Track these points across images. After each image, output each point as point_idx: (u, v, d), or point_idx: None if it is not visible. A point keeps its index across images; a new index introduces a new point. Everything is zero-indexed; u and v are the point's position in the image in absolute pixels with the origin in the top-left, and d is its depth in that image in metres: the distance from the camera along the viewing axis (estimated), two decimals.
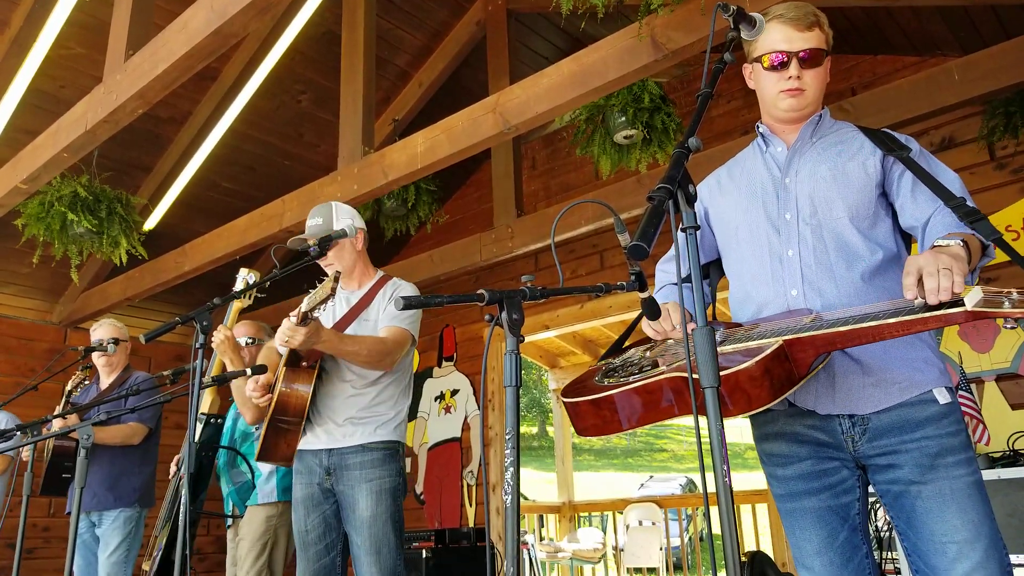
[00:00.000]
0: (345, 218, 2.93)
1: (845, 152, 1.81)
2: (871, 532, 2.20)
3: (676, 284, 2.04)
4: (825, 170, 1.80)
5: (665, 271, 2.14)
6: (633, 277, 1.72)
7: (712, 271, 2.08)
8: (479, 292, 1.54)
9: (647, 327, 1.84)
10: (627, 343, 2.07)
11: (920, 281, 1.43)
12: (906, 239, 1.83)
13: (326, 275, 2.84)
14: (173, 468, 3.64)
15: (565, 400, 1.77)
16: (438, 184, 5.83)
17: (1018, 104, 3.83)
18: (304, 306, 2.42)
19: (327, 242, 2.78)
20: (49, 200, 4.66)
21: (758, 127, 1.96)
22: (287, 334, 2.48)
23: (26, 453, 3.47)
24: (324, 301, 2.39)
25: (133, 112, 3.71)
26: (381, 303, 2.91)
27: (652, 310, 1.74)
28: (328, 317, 2.95)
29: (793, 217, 1.80)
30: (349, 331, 2.88)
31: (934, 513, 1.60)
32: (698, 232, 2.01)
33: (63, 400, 3.90)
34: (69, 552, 2.69)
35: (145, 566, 3.44)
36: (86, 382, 3.83)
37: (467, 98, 4.24)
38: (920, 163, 1.74)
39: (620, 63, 3.25)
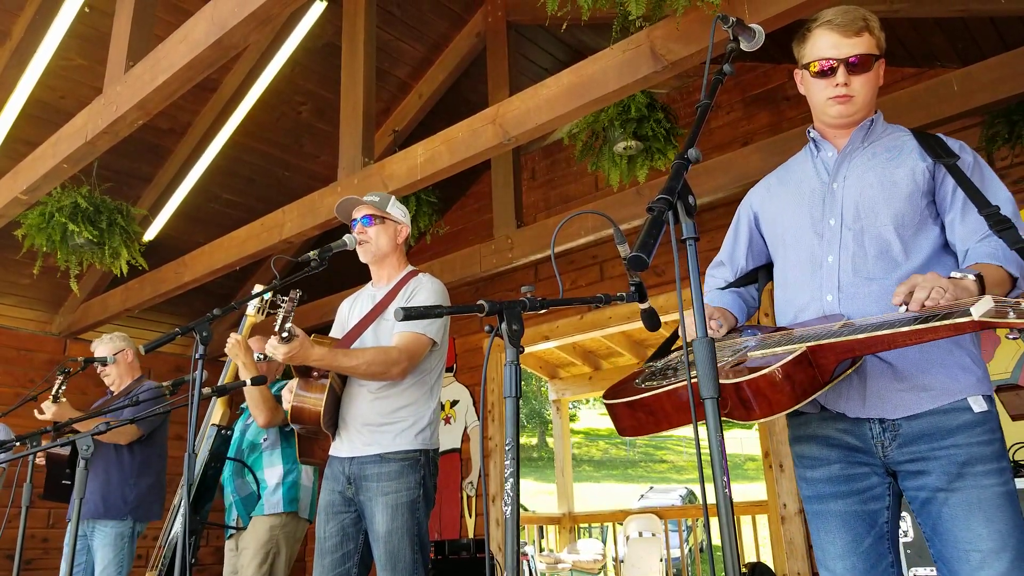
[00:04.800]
0: (397, 208, 2.98)
1: (895, 159, 1.81)
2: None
3: (723, 289, 2.08)
4: (873, 177, 1.80)
5: (714, 276, 2.15)
6: (633, 288, 1.73)
7: (760, 275, 2.09)
8: (479, 303, 1.54)
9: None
10: (674, 347, 2.08)
11: (913, 292, 1.47)
12: (952, 251, 1.82)
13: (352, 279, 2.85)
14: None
15: (605, 402, 1.81)
16: (438, 195, 5.84)
17: (1017, 115, 3.83)
18: (277, 327, 2.47)
19: (328, 253, 2.77)
20: (50, 211, 4.66)
21: (809, 131, 1.97)
22: (269, 351, 2.53)
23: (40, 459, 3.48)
24: (287, 319, 2.46)
25: (133, 123, 3.72)
26: (400, 302, 2.83)
27: (652, 321, 1.74)
28: (355, 315, 2.94)
29: (837, 223, 1.81)
30: (369, 331, 2.83)
31: (960, 521, 1.59)
32: (745, 235, 2.05)
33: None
34: (68, 557, 2.69)
35: (150, 575, 3.42)
36: (64, 386, 3.81)
37: (467, 109, 4.25)
38: (972, 175, 1.74)
39: (619, 74, 3.26)
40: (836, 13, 1.81)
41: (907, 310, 1.47)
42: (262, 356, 3.70)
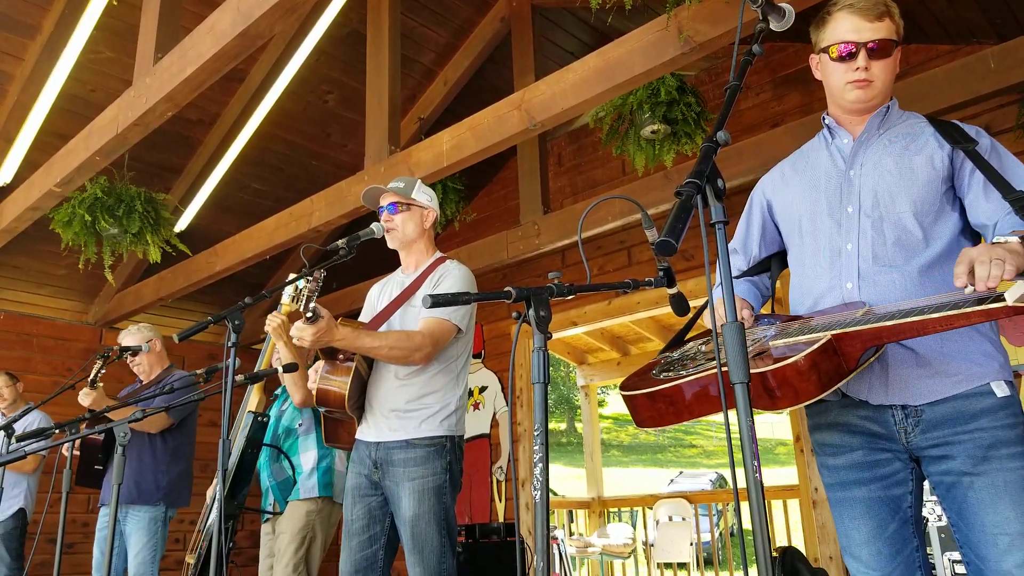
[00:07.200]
0: (423, 193, 2.97)
1: (912, 146, 1.79)
2: None
3: (737, 278, 2.05)
4: (891, 163, 1.78)
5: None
6: (661, 273, 1.71)
7: (774, 264, 2.08)
8: (506, 289, 1.54)
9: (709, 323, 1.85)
10: (688, 336, 2.07)
11: (972, 271, 1.42)
12: (973, 234, 1.80)
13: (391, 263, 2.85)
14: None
15: (623, 393, 1.81)
16: (464, 182, 5.83)
17: None
18: (302, 308, 2.50)
19: (356, 241, 2.79)
20: (72, 205, 4.74)
21: (824, 118, 1.95)
22: (295, 334, 2.53)
23: (66, 449, 3.57)
24: (311, 299, 2.49)
25: (162, 115, 3.76)
26: (427, 289, 2.86)
27: (681, 306, 1.73)
28: (384, 300, 2.96)
29: (855, 210, 1.80)
30: (395, 316, 2.86)
31: (986, 504, 1.58)
32: (758, 224, 2.02)
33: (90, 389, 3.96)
34: (106, 541, 2.75)
35: (189, 559, 3.50)
36: (103, 371, 3.88)
37: (492, 95, 4.24)
38: (991, 159, 1.71)
39: (646, 57, 3.23)
40: None
41: (974, 291, 1.42)
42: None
